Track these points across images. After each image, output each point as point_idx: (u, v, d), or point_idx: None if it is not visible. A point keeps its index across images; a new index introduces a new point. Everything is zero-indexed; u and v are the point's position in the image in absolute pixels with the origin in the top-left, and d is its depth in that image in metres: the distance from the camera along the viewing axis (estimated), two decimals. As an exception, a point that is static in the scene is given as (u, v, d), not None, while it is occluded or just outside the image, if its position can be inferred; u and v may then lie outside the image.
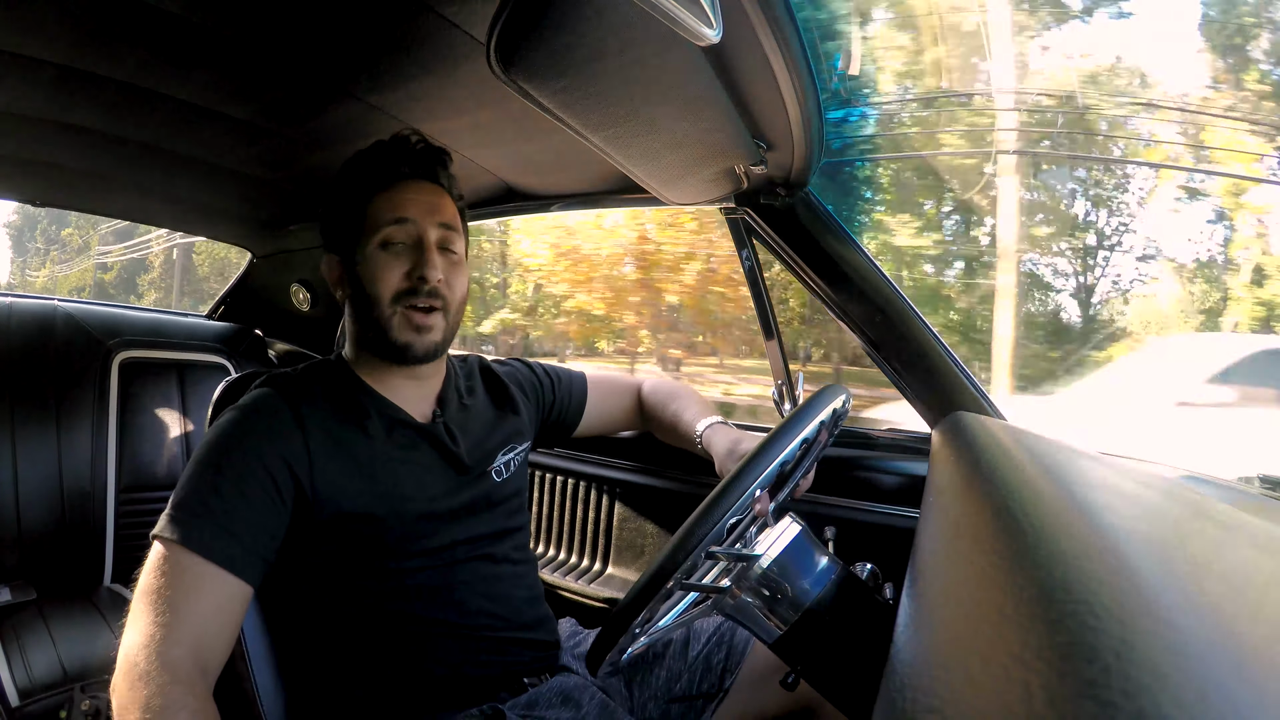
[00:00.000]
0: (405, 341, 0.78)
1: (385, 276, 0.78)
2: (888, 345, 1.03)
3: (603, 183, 1.19)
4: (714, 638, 0.90)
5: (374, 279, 0.78)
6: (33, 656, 1.24)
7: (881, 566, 0.65)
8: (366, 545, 0.76)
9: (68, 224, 17.70)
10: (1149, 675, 0.17)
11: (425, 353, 0.80)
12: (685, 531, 0.54)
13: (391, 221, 0.78)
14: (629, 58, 0.62)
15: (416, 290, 0.78)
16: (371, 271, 0.78)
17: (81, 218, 16.02)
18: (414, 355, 0.79)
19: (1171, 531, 0.43)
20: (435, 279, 0.78)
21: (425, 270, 0.77)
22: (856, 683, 0.56)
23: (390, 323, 0.78)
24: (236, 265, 1.90)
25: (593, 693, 0.81)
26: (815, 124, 0.83)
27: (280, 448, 0.72)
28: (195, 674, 0.61)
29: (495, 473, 0.87)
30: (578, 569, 1.40)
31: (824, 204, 1.02)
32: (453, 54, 0.83)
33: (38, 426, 1.50)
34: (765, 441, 0.60)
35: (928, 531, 0.52)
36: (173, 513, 0.68)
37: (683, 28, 0.49)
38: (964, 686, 0.23)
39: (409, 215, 0.78)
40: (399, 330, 0.78)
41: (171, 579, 0.64)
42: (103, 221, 15.49)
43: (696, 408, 1.02)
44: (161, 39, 0.86)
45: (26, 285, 18.24)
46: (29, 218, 18.41)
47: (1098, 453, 0.83)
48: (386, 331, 0.78)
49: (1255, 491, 0.82)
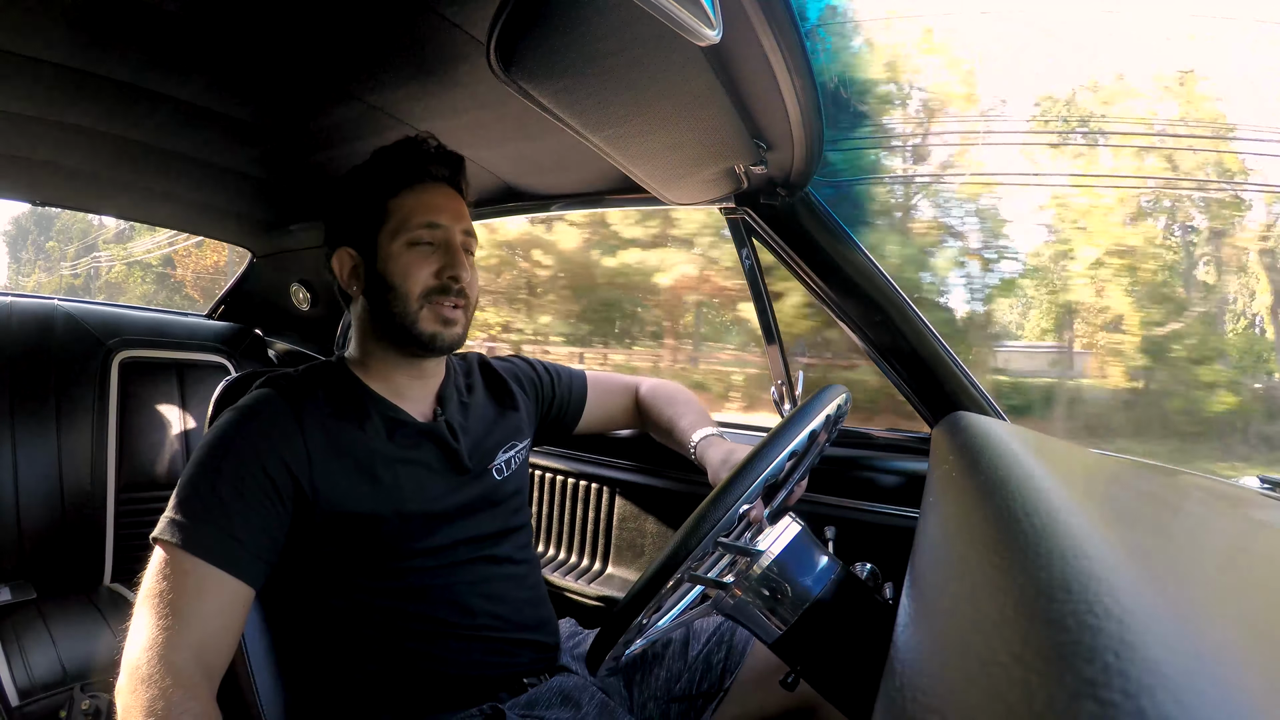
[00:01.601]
0: (433, 332, 0.81)
1: (415, 274, 0.80)
2: (888, 345, 1.03)
3: (603, 183, 1.19)
4: (714, 638, 0.90)
5: (404, 275, 0.80)
6: (33, 656, 1.24)
7: (881, 566, 0.65)
8: (367, 546, 0.76)
9: (51, 237, 19.91)
10: (1149, 674, 0.17)
11: (450, 343, 0.83)
12: (685, 531, 0.54)
13: (423, 224, 0.81)
14: (629, 58, 0.62)
15: (447, 289, 0.81)
16: (400, 268, 0.80)
17: (61, 232, 19.05)
18: (440, 345, 0.82)
19: (1172, 531, 0.44)
20: (466, 279, 0.82)
21: (457, 271, 0.81)
22: (856, 683, 0.56)
23: (418, 316, 0.81)
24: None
25: (592, 693, 0.81)
26: (815, 124, 0.83)
27: (280, 449, 0.73)
28: (198, 677, 0.62)
29: (496, 471, 0.88)
30: (578, 569, 1.40)
31: (824, 204, 1.02)
32: (453, 54, 0.83)
33: (38, 426, 1.50)
34: (761, 445, 0.60)
35: (927, 531, 0.52)
36: (173, 515, 0.68)
37: (683, 28, 0.49)
38: (964, 686, 0.23)
39: (441, 220, 0.82)
40: (426, 322, 0.81)
41: (174, 582, 0.65)
42: (75, 240, 18.44)
43: (693, 416, 1.02)
44: (161, 39, 0.86)
45: (20, 288, 19.87)
46: (22, 229, 20.49)
47: (1098, 453, 0.83)
48: (413, 325, 0.81)
49: (1255, 491, 0.82)
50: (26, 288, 19.71)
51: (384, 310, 0.82)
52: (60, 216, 18.25)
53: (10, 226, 20.98)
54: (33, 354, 1.54)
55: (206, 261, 15.11)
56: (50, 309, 1.63)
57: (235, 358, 1.82)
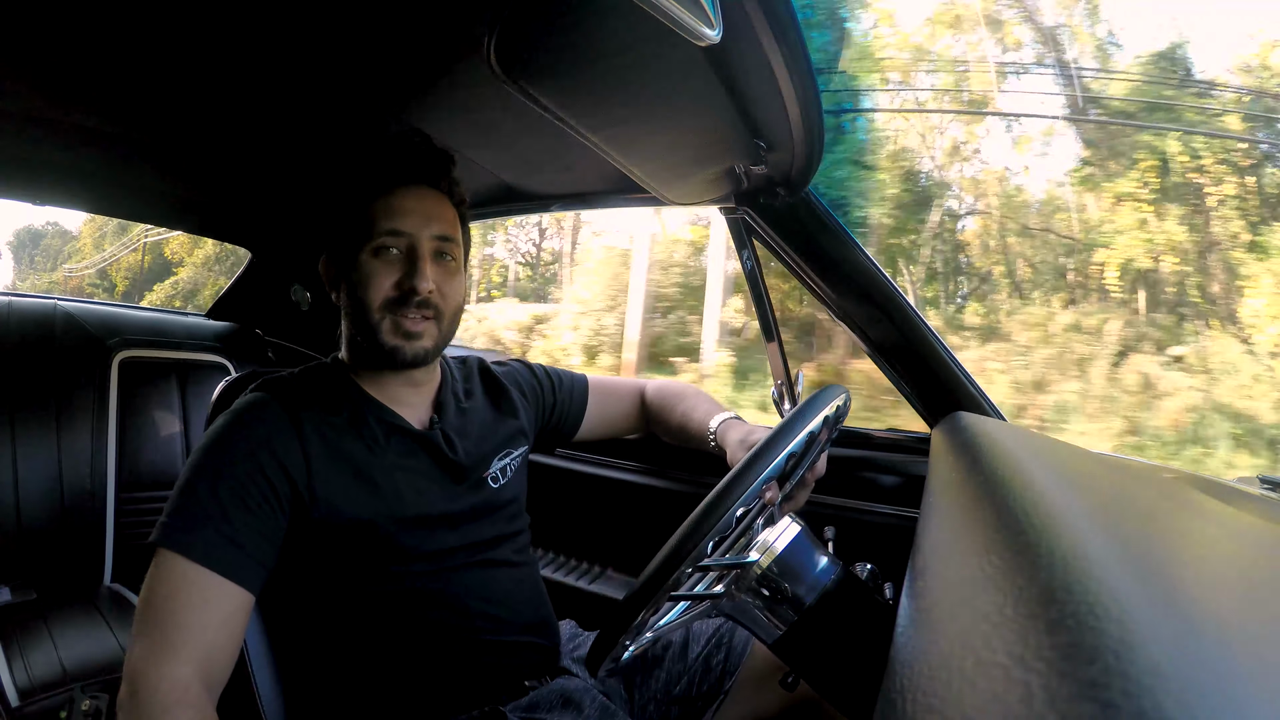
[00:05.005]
0: (393, 345, 0.78)
1: (375, 284, 0.77)
2: (887, 345, 1.03)
3: (603, 183, 1.19)
4: (713, 639, 0.90)
5: (365, 285, 0.77)
6: (33, 656, 1.23)
7: (881, 566, 0.64)
8: (365, 550, 0.75)
9: (39, 251, 23.39)
10: (1150, 675, 0.17)
11: (414, 358, 0.79)
12: (689, 527, 0.54)
13: (386, 231, 0.77)
14: (629, 58, 0.62)
15: (406, 301, 0.77)
16: (363, 278, 0.77)
17: (48, 246, 22.27)
18: (402, 360, 0.79)
19: (1172, 531, 0.44)
20: (425, 290, 0.77)
21: (416, 281, 0.77)
22: (856, 683, 0.56)
23: (379, 328, 0.78)
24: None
25: (594, 695, 0.80)
26: (815, 124, 0.83)
27: (277, 453, 0.72)
28: (199, 690, 0.61)
29: (492, 479, 0.87)
30: (578, 569, 1.40)
31: (824, 204, 1.02)
32: (453, 54, 0.83)
33: (38, 426, 1.50)
34: (772, 435, 0.60)
35: (927, 531, 0.52)
36: (171, 521, 0.67)
37: (683, 28, 0.49)
38: (964, 687, 0.23)
39: (404, 227, 0.77)
40: (387, 335, 0.78)
41: (174, 590, 0.64)
42: (59, 253, 21.54)
43: (707, 405, 1.01)
44: (161, 39, 0.86)
45: (19, 289, 21.30)
46: (23, 242, 23.86)
47: (1098, 453, 0.83)
48: (375, 335, 0.78)
49: (1255, 491, 0.82)
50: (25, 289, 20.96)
51: (355, 321, 0.79)
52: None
53: (13, 238, 24.34)
54: (33, 354, 1.54)
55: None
56: (50, 309, 1.63)
57: (235, 358, 1.82)
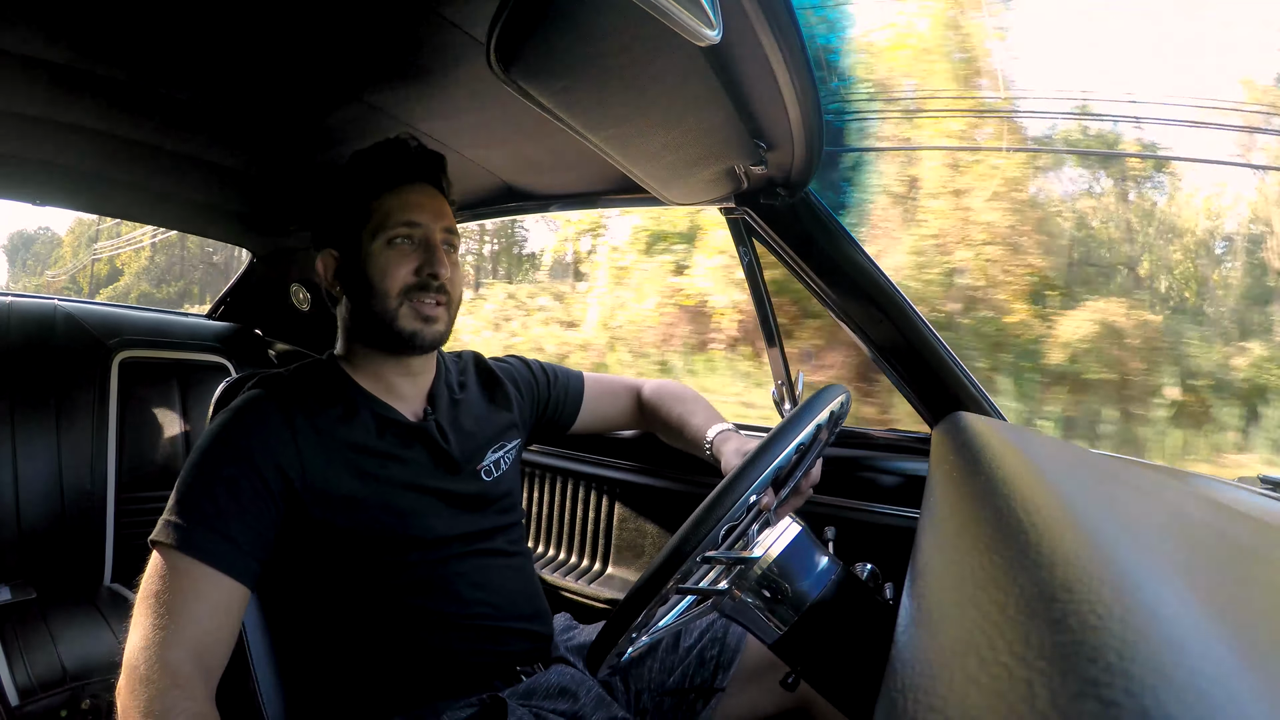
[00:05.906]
0: (412, 330, 0.81)
1: (394, 271, 0.81)
2: (888, 345, 1.03)
3: (603, 183, 1.19)
4: (707, 633, 0.91)
5: (383, 273, 0.81)
6: (33, 656, 1.24)
7: (881, 566, 0.65)
8: (360, 543, 0.77)
9: (30, 255, 23.99)
10: (1152, 674, 0.17)
11: (431, 341, 0.83)
12: (688, 529, 0.54)
13: (402, 223, 0.81)
14: (629, 58, 0.62)
15: (426, 286, 0.81)
16: (380, 266, 0.81)
17: (39, 251, 22.60)
18: (420, 343, 0.82)
19: (1173, 531, 0.43)
20: (445, 275, 0.82)
21: (436, 268, 0.81)
22: (856, 683, 0.56)
23: (397, 314, 0.81)
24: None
25: (590, 685, 0.82)
26: (815, 124, 0.83)
27: (272, 449, 0.74)
28: (196, 676, 0.62)
29: (485, 472, 0.88)
30: (577, 569, 1.40)
31: (824, 204, 1.02)
32: (453, 54, 0.83)
33: (38, 426, 1.50)
34: (769, 438, 0.60)
35: (928, 531, 0.52)
36: (170, 518, 0.69)
37: (683, 28, 0.49)
38: (965, 686, 0.23)
39: (420, 220, 0.82)
40: (406, 320, 0.81)
41: (170, 584, 0.66)
42: (48, 258, 21.50)
43: (705, 413, 1.03)
44: (161, 39, 0.86)
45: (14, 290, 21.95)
46: (15, 245, 24.32)
47: (1098, 453, 0.83)
48: (392, 322, 0.81)
49: (1255, 491, 0.82)
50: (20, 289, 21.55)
51: (365, 309, 0.82)
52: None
53: (7, 241, 24.46)
54: (33, 354, 1.54)
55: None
56: (50, 309, 1.63)
57: (235, 358, 1.82)
